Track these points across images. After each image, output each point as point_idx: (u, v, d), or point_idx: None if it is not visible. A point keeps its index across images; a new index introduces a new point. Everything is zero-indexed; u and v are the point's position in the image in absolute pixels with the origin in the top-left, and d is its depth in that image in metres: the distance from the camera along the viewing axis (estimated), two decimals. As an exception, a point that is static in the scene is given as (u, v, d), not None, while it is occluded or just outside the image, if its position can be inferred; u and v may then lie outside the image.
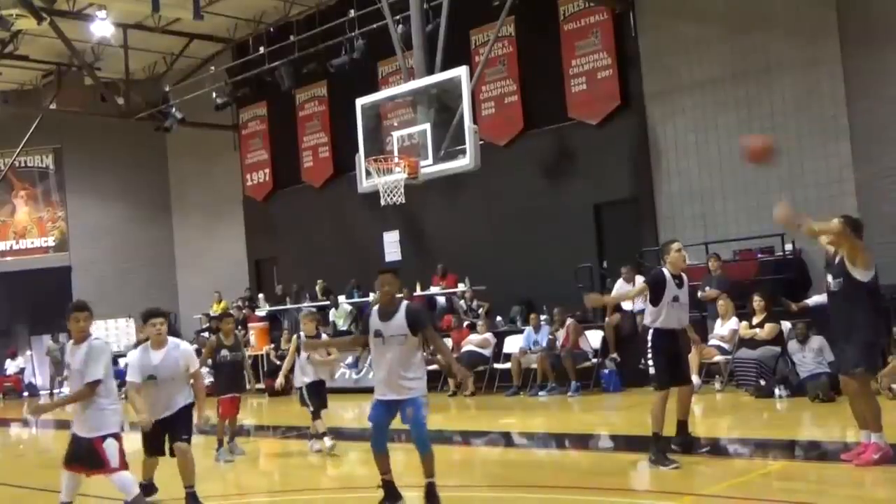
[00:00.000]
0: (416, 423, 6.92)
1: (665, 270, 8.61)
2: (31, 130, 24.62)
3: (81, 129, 26.43)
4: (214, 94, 22.06)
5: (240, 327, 21.93)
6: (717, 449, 8.88)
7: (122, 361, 24.48)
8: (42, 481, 10.74)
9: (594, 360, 15.05)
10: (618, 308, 15.28)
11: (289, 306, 22.16)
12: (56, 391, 25.93)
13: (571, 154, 18.03)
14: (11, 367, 26.23)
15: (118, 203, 27.93)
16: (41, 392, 26.75)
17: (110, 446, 6.91)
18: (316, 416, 10.84)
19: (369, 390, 7.58)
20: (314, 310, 15.26)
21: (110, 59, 23.28)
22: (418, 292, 18.98)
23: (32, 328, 28.06)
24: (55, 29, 20.30)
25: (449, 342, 17.14)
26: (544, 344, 15.46)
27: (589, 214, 17.83)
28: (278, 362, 20.06)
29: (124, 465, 7.02)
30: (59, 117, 24.97)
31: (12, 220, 27.93)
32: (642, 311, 14.71)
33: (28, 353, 27.59)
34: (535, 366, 15.35)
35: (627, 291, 13.67)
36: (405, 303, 7.26)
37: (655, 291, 8.53)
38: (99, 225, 27.68)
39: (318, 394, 10.89)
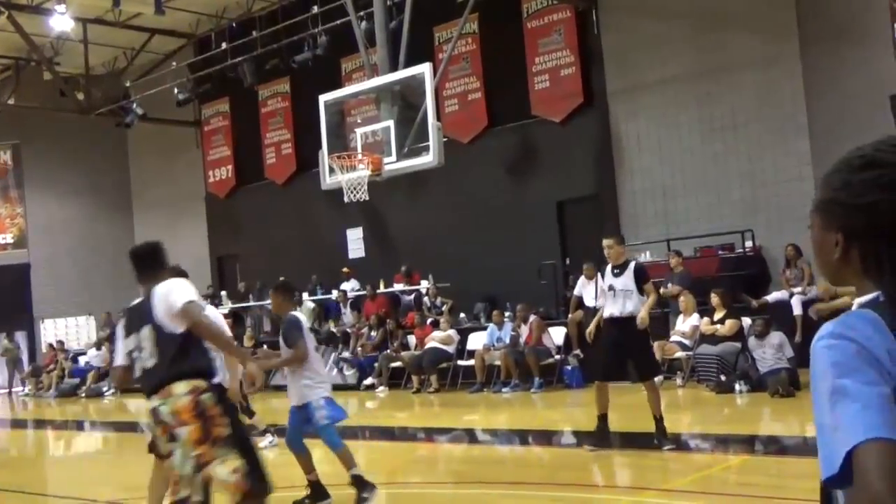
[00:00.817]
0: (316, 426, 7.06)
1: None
2: (-12, 126, 24.28)
3: (40, 124, 26.05)
4: (176, 90, 21.87)
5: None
6: (678, 444, 8.96)
7: (81, 360, 24.42)
8: (3, 481, 10.63)
9: (557, 357, 15.11)
10: (580, 305, 15.35)
11: (252, 304, 22.04)
12: (16, 390, 25.63)
13: (535, 151, 18.11)
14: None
15: (78, 200, 27.60)
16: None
17: None
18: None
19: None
20: None
21: (70, 54, 23.00)
22: (382, 289, 18.96)
23: (-10, 325, 27.67)
24: (13, 23, 20.02)
25: (413, 339, 17.18)
26: (507, 340, 15.48)
27: (552, 211, 17.92)
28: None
29: None
30: (17, 113, 24.60)
31: (-30, 217, 27.52)
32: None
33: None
34: (498, 362, 15.37)
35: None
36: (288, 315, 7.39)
37: None
38: (59, 222, 27.32)
39: None
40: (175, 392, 4.64)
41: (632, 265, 8.91)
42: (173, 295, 4.91)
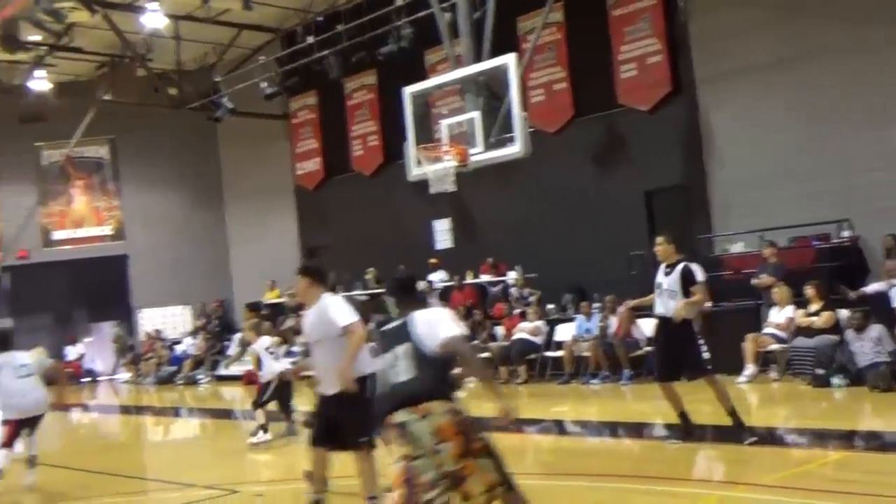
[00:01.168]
0: None
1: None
2: (86, 122, 24.98)
3: (135, 119, 26.77)
4: (264, 84, 22.20)
5: (292, 314, 22.19)
6: (773, 439, 8.80)
7: (178, 348, 25.10)
8: (103, 465, 11.00)
9: (647, 349, 14.96)
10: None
11: (341, 294, 22.28)
12: (118, 377, 26.50)
13: (621, 141, 17.92)
14: (72, 353, 26.77)
15: (172, 192, 28.31)
16: (100, 378, 27.27)
17: None
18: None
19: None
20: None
21: (162, 51, 23.54)
22: (469, 280, 19.02)
23: (91, 315, 28.60)
24: (108, 21, 20.57)
25: (500, 330, 17.20)
26: (596, 332, 15.41)
27: (640, 201, 17.71)
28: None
29: None
30: (113, 108, 25.31)
31: (70, 210, 28.43)
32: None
33: (87, 339, 28.11)
34: (587, 354, 15.31)
35: None
36: None
37: None
38: (153, 214, 28.07)
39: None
40: (434, 411, 4.97)
41: (680, 266, 8.91)
42: (439, 327, 5.21)
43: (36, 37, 21.19)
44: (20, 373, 9.49)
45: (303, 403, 11.46)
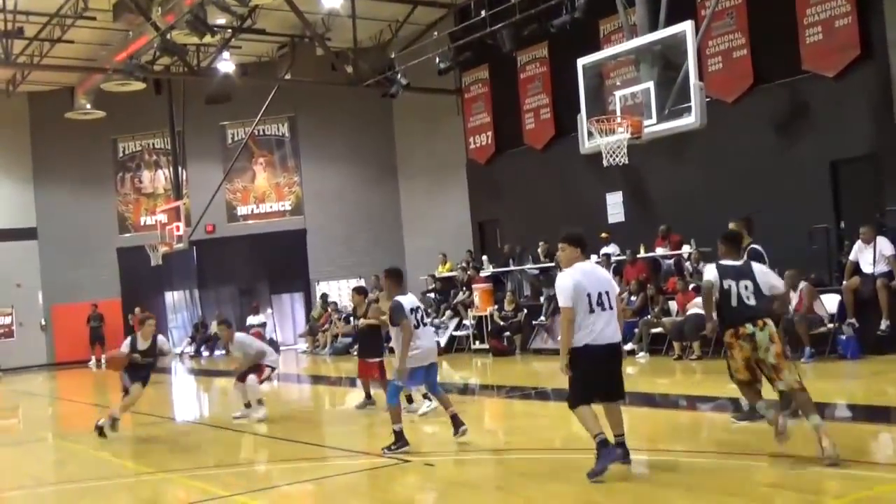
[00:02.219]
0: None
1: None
2: (268, 101, 25.91)
3: (313, 97, 27.66)
4: (438, 59, 22.41)
5: (464, 289, 22.44)
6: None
7: (353, 321, 25.73)
8: (282, 432, 11.45)
9: (830, 326, 14.32)
10: (856, 270, 14.46)
11: (512, 268, 22.38)
12: (297, 346, 27.50)
13: (805, 108, 17.12)
14: (254, 321, 28.03)
15: (348, 168, 29.09)
16: (281, 348, 28.38)
17: None
18: None
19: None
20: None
21: (339, 29, 24.12)
22: (642, 254, 18.69)
23: (272, 287, 29.83)
24: (288, 2, 21.19)
25: (674, 305, 16.83)
26: (775, 308, 14.84)
27: (825, 172, 16.90)
28: (502, 323, 20.39)
29: None
30: (293, 87, 26.20)
31: (253, 186, 29.68)
32: (884, 274, 14.01)
33: (269, 310, 29.33)
34: (764, 329, 14.76)
35: None
36: None
37: None
38: (330, 189, 28.95)
39: None
40: (769, 324, 7.49)
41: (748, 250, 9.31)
42: (771, 278, 7.92)
43: (221, 20, 22.11)
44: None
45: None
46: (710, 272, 7.84)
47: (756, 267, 7.79)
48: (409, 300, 9.57)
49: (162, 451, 10.70)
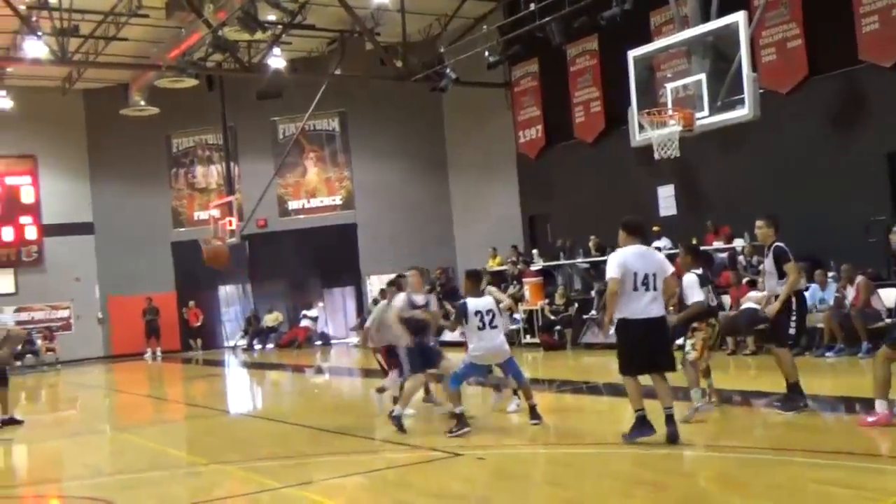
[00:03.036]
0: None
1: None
2: (318, 96, 26.06)
3: (363, 92, 27.78)
4: (487, 53, 22.37)
5: (514, 282, 22.40)
6: None
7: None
8: (335, 424, 11.53)
9: (888, 321, 14.07)
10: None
11: (562, 262, 22.29)
12: (348, 340, 27.66)
13: (862, 100, 16.84)
14: (309, 315, 28.31)
15: (398, 162, 29.17)
16: (333, 341, 28.61)
17: None
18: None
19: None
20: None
21: (389, 24, 24.18)
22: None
23: (323, 281, 30.05)
24: (338, -2, 21.32)
25: (727, 299, 16.65)
26: (831, 302, 14.64)
27: (882, 164, 16.61)
28: (553, 317, 20.33)
29: None
30: (343, 82, 26.32)
31: (304, 181, 29.90)
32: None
33: (320, 304, 29.56)
34: (821, 325, 14.59)
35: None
36: None
37: None
38: (380, 183, 29.05)
39: None
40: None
41: (773, 247, 9.69)
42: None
43: (272, 17, 22.28)
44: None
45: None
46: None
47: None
48: (476, 303, 9.84)
49: (216, 442, 10.85)
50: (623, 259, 8.29)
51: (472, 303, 9.84)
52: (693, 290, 9.73)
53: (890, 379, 8.22)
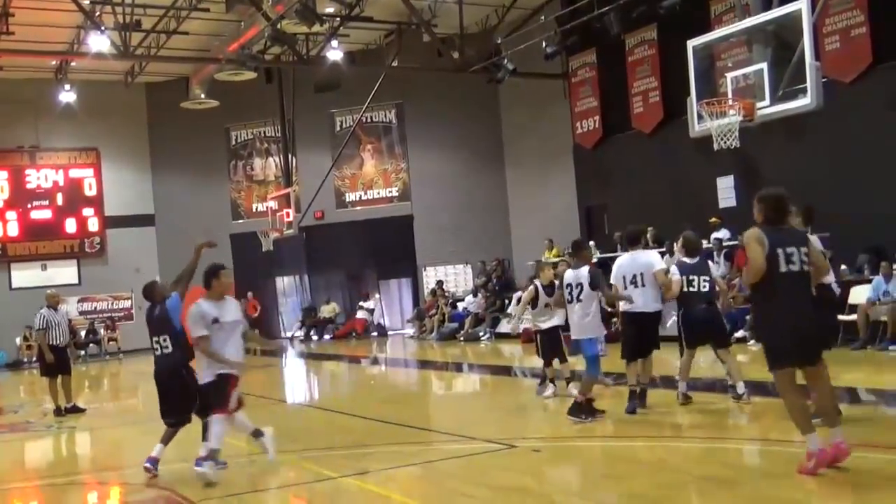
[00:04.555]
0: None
1: None
2: (375, 88, 26.14)
3: (420, 84, 27.78)
4: (544, 44, 22.24)
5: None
6: None
7: (459, 306, 25.95)
8: (390, 415, 11.59)
9: (954, 314, 13.77)
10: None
11: (620, 253, 22.08)
12: (405, 331, 27.76)
13: (928, 88, 16.45)
14: (366, 306, 28.48)
15: (454, 154, 29.15)
16: (389, 333, 28.74)
17: None
18: (547, 363, 11.87)
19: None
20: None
21: (446, 16, 24.12)
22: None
23: (380, 272, 30.18)
24: (395, -11, 21.35)
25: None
26: (895, 294, 14.34)
27: (949, 154, 16.22)
28: (609, 309, 20.15)
29: None
30: (400, 74, 26.37)
31: (361, 173, 30.04)
32: None
33: (377, 295, 29.70)
34: (884, 318, 14.31)
35: None
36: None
37: None
38: (437, 175, 29.06)
39: (552, 340, 11.84)
40: None
41: None
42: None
43: (330, 9, 22.40)
44: None
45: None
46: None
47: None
48: (570, 275, 10.16)
49: (274, 432, 10.95)
50: (616, 266, 10.43)
51: (568, 274, 10.22)
52: None
53: None
